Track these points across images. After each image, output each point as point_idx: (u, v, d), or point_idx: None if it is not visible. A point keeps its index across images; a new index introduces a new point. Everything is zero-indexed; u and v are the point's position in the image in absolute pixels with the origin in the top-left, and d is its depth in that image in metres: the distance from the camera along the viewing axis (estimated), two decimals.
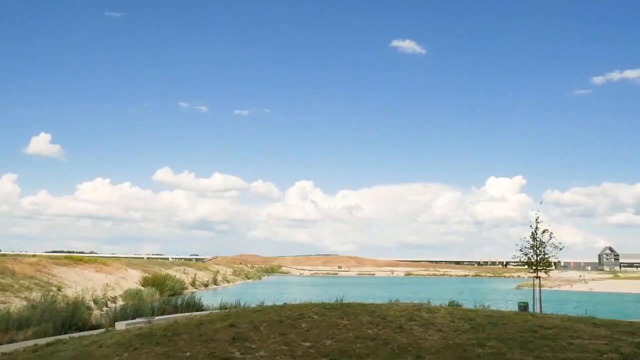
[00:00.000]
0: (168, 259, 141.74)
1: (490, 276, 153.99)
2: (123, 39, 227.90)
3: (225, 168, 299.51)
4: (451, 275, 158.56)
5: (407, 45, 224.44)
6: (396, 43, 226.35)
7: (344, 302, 18.94)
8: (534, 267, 26.29)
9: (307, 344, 12.89)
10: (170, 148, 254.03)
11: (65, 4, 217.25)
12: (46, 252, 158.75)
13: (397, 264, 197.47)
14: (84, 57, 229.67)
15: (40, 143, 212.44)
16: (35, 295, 31.68)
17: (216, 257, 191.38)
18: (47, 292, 32.65)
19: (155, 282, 53.36)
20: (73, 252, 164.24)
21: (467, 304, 25.43)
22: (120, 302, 40.41)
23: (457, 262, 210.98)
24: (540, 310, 24.41)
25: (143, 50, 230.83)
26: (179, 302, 30.46)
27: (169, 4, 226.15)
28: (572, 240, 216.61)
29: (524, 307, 26.19)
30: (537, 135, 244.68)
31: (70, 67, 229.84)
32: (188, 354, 12.25)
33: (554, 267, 28.56)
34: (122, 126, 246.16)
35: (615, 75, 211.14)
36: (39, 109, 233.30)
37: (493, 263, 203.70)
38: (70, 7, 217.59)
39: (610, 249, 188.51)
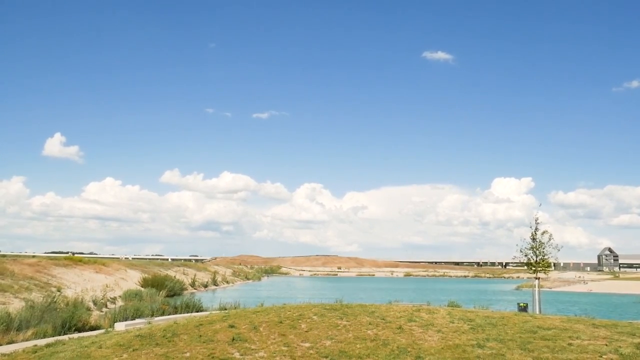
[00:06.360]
0: (168, 259, 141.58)
1: (490, 277, 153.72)
2: (152, 48, 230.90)
3: (234, 170, 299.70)
4: (450, 276, 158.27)
5: (439, 56, 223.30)
6: (427, 54, 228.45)
7: (343, 302, 18.95)
8: (533, 268, 26.30)
9: (307, 344, 12.89)
10: (181, 150, 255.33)
11: (103, 10, 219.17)
12: (46, 252, 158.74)
13: (396, 264, 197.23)
14: (112, 61, 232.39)
15: (57, 145, 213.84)
16: (35, 296, 31.64)
17: (216, 257, 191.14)
18: (46, 293, 32.62)
19: (154, 283, 53.28)
20: (73, 252, 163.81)
21: (467, 305, 25.42)
22: (119, 303, 40.38)
23: (457, 263, 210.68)
24: (540, 311, 24.41)
25: (171, 56, 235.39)
26: (179, 302, 30.48)
27: (200, 11, 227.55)
28: (577, 241, 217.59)
29: (523, 307, 26.20)
30: (546, 138, 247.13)
31: (96, 71, 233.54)
32: (187, 354, 12.26)
33: (553, 267, 28.55)
34: (141, 130, 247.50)
35: (635, 83, 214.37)
36: (57, 111, 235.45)
37: (492, 264, 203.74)
38: (106, 12, 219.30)
39: (610, 249, 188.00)
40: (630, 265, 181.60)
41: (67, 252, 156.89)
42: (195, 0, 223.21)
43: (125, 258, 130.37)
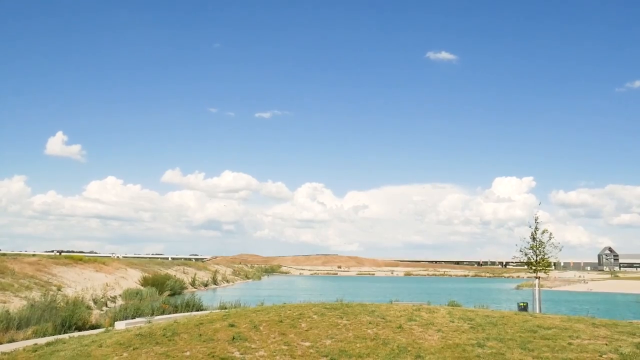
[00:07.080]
0: (168, 258, 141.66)
1: (490, 276, 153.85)
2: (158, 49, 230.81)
3: (236, 169, 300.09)
4: (451, 276, 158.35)
5: (443, 56, 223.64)
6: (430, 54, 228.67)
7: (343, 302, 18.96)
8: (533, 267, 26.31)
9: (307, 343, 12.90)
10: (182, 149, 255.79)
11: (112, 11, 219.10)
12: (46, 251, 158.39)
13: (396, 264, 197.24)
14: (114, 60, 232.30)
15: (58, 143, 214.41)
16: (35, 294, 31.64)
17: (216, 256, 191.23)
18: (46, 292, 32.62)
19: (155, 282, 53.30)
20: (59, 251, 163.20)
21: (467, 304, 25.41)
22: (120, 302, 40.40)
23: (457, 262, 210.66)
24: (540, 311, 24.42)
25: (176, 57, 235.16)
26: (179, 302, 30.48)
27: (205, 11, 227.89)
28: (578, 240, 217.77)
29: (523, 307, 26.20)
30: (547, 137, 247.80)
31: (98, 70, 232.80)
32: (188, 353, 12.27)
33: (553, 267, 28.56)
34: (143, 129, 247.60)
35: (638, 83, 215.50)
36: (59, 110, 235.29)
37: (493, 263, 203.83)
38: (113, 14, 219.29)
39: (610, 249, 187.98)
40: (630, 265, 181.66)
41: (67, 251, 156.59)
42: (200, 0, 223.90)
43: (117, 257, 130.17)
